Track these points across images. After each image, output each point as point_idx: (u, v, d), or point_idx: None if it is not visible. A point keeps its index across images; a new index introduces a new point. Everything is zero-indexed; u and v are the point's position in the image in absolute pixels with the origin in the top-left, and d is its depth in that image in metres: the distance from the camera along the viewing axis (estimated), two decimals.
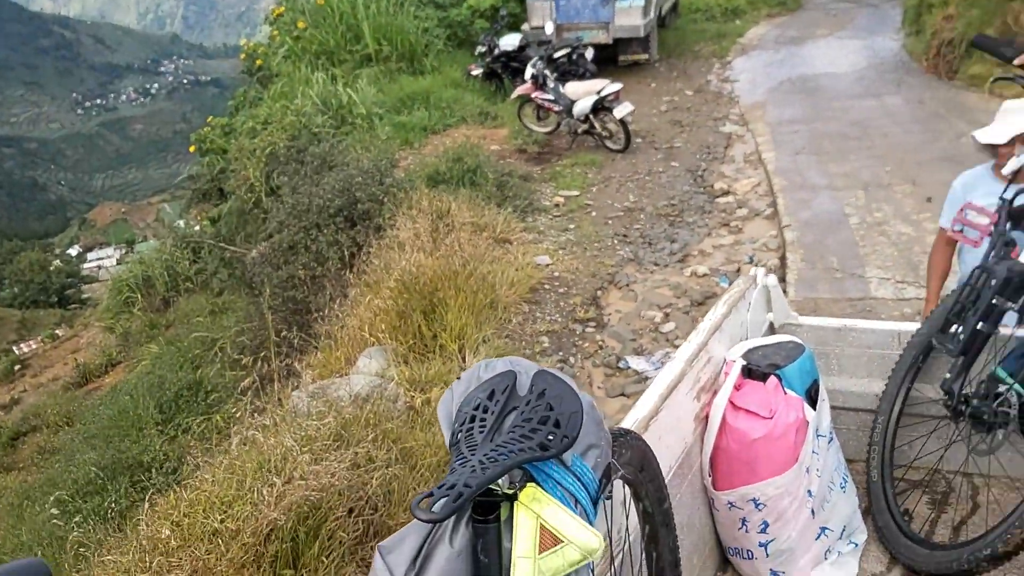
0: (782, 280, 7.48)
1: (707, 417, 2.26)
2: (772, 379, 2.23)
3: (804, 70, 14.69)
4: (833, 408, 2.81)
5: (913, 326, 2.69)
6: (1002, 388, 2.26)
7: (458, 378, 1.23)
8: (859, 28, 17.92)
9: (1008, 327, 2.35)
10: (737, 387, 2.26)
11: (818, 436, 2.30)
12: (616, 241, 8.43)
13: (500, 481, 1.03)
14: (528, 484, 1.05)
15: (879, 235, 7.84)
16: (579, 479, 1.10)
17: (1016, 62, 2.01)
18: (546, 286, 7.38)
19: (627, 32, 14.13)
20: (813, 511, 2.25)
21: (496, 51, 12.76)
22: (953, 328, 2.34)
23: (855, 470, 2.87)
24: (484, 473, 0.96)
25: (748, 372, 2.27)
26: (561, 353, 6.43)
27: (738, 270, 7.69)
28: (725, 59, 16.34)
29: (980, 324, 2.28)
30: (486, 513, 1.04)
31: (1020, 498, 2.65)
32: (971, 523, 2.60)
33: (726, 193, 9.62)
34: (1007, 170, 3.01)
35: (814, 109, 12.07)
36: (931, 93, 11.73)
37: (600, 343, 6.60)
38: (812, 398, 2.32)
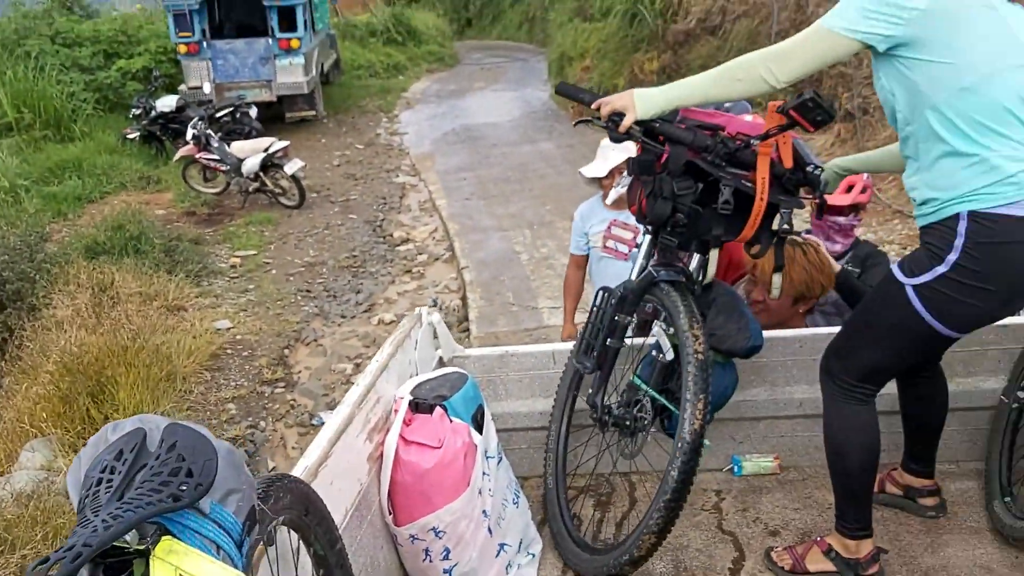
0: (465, 319, 7.81)
1: (381, 456, 2.30)
2: (438, 410, 2.32)
3: (466, 121, 15.52)
4: (504, 430, 2.98)
5: (567, 346, 2.93)
6: (640, 395, 2.47)
7: (84, 445, 1.18)
8: (511, 81, 19.30)
9: (632, 338, 2.60)
10: (407, 422, 2.32)
11: (487, 458, 2.43)
12: (300, 297, 8.33)
13: (130, 538, 1.00)
14: (164, 537, 1.03)
15: (547, 268, 8.42)
16: (220, 525, 1.09)
17: (593, 106, 2.29)
18: (228, 351, 7.11)
19: (291, 89, 14.12)
20: (490, 529, 2.37)
21: (153, 113, 12.18)
22: (589, 350, 2.54)
23: (530, 485, 3.06)
24: (107, 531, 0.93)
25: (416, 406, 2.35)
26: (251, 418, 6.21)
27: None
28: (392, 113, 16.85)
29: (608, 340, 2.48)
30: (118, 573, 1.00)
31: None
32: (631, 520, 2.86)
33: (406, 241, 9.87)
34: (609, 200, 3.45)
35: (478, 156, 12.78)
36: (579, 138, 12.86)
37: (291, 402, 6.46)
38: (479, 423, 2.45)
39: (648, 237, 2.51)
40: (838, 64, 2.18)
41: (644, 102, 2.20)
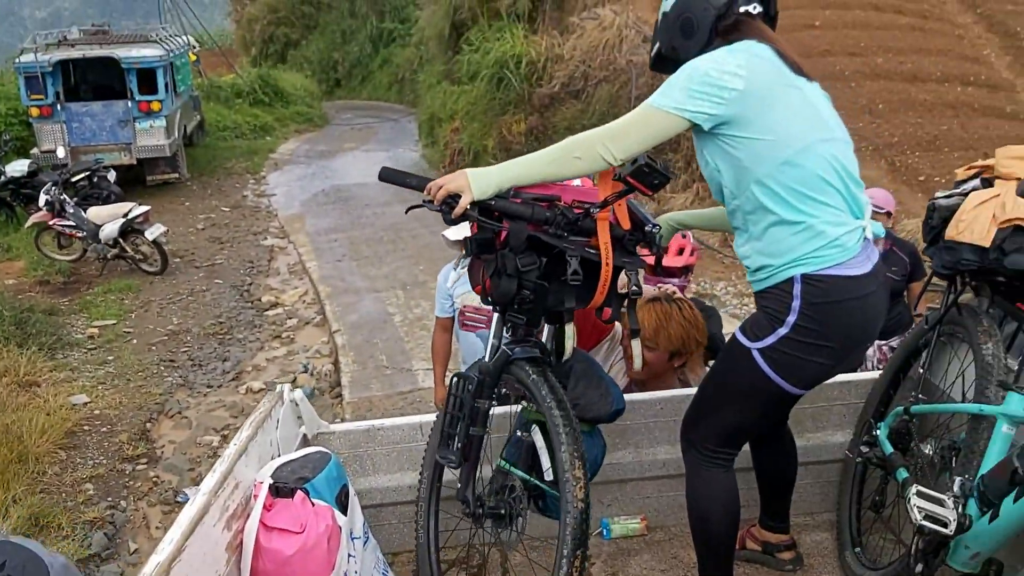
0: (337, 384, 7.68)
1: (241, 544, 2.23)
2: (299, 493, 2.27)
3: (337, 181, 15.44)
4: (372, 506, 2.94)
5: (433, 417, 2.90)
6: (510, 479, 2.38)
7: None
8: (382, 141, 19.36)
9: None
10: (268, 507, 2.26)
11: (353, 539, 2.38)
12: (163, 367, 8.01)
13: None
14: None
15: (421, 329, 8.40)
16: None
17: (425, 190, 2.27)
18: (86, 427, 6.75)
19: (152, 152, 13.74)
20: None
21: (2, 178, 11.62)
22: (451, 442, 2.41)
23: (400, 561, 3.01)
24: None
25: (277, 490, 2.29)
26: (111, 498, 5.90)
27: (294, 380, 7.74)
28: (259, 174, 16.60)
29: (471, 429, 2.37)
30: None
31: (539, 558, 2.98)
32: None
33: (275, 305, 9.68)
34: (456, 291, 3.51)
35: (350, 217, 12.71)
36: None
37: (155, 479, 6.18)
38: (343, 503, 2.40)
39: (497, 316, 2.47)
40: None
41: (479, 182, 2.15)
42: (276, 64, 29.12)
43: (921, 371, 2.75)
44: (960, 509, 2.14)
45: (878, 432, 2.69)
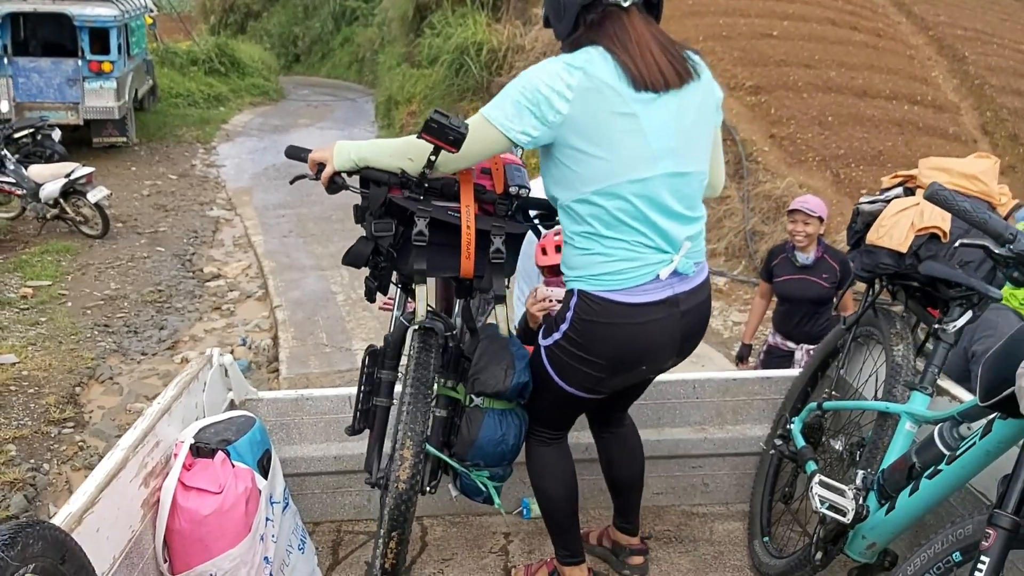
0: (275, 359, 7.63)
1: (158, 501, 2.23)
2: (220, 454, 2.28)
3: None
4: (296, 475, 2.96)
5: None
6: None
7: None
8: (338, 119, 19.17)
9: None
10: (188, 467, 2.26)
11: (272, 503, 2.40)
12: (97, 332, 7.87)
13: None
14: None
15: (363, 310, 8.37)
16: None
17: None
18: (12, 387, 6.61)
19: (100, 113, 13.44)
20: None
21: None
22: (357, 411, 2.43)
23: (322, 531, 3.03)
24: None
25: (197, 451, 2.29)
26: (33, 460, 5.79)
27: (232, 351, 7.67)
28: (210, 144, 16.34)
29: (375, 399, 2.37)
30: None
31: (459, 534, 3.03)
32: (422, 563, 2.89)
33: (216, 277, 9.56)
34: None
35: (299, 194, 12.56)
36: None
37: (80, 444, 6.08)
38: (264, 468, 2.42)
39: (399, 289, 2.50)
40: None
41: (340, 155, 2.26)
42: (235, 34, 28.67)
43: (838, 370, 2.86)
44: (860, 500, 2.24)
45: (792, 426, 2.78)
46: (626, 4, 2.11)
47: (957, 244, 2.03)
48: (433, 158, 2.12)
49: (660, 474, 3.20)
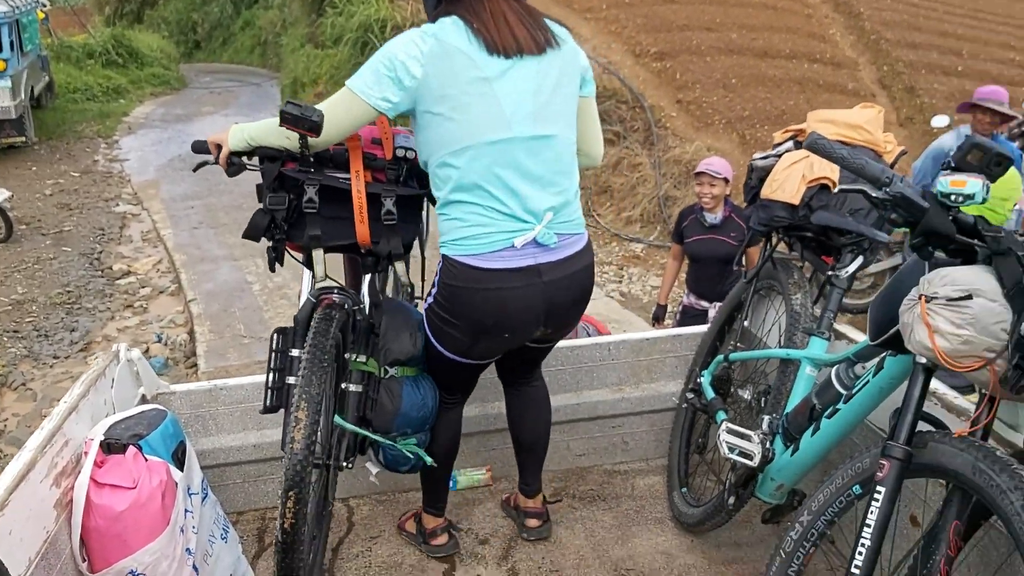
0: (192, 354, 7.48)
1: (72, 501, 2.19)
2: (131, 449, 2.24)
3: None
4: (216, 465, 2.93)
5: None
6: (340, 431, 2.39)
7: None
8: (243, 105, 18.71)
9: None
10: (99, 464, 2.22)
11: (190, 495, 2.37)
12: (6, 338, 7.59)
13: None
14: None
15: (280, 298, 8.26)
16: None
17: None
18: None
19: None
20: (196, 567, 2.31)
21: None
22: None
23: (246, 520, 3.01)
24: None
25: (108, 447, 2.25)
26: None
27: (147, 349, 7.50)
28: (111, 138, 15.81)
29: (288, 378, 2.32)
30: None
31: (386, 512, 3.04)
32: (348, 544, 2.90)
33: (127, 274, 9.30)
34: None
35: (207, 184, 12.27)
36: None
37: None
38: (180, 460, 2.39)
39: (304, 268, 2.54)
40: None
41: (234, 136, 2.33)
42: (132, 24, 27.68)
43: (742, 322, 2.95)
44: (767, 444, 2.33)
45: (702, 380, 2.86)
46: None
47: (835, 190, 2.11)
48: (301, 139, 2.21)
49: (581, 436, 3.27)
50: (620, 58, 11.79)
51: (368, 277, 2.55)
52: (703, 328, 3.25)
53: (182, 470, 2.37)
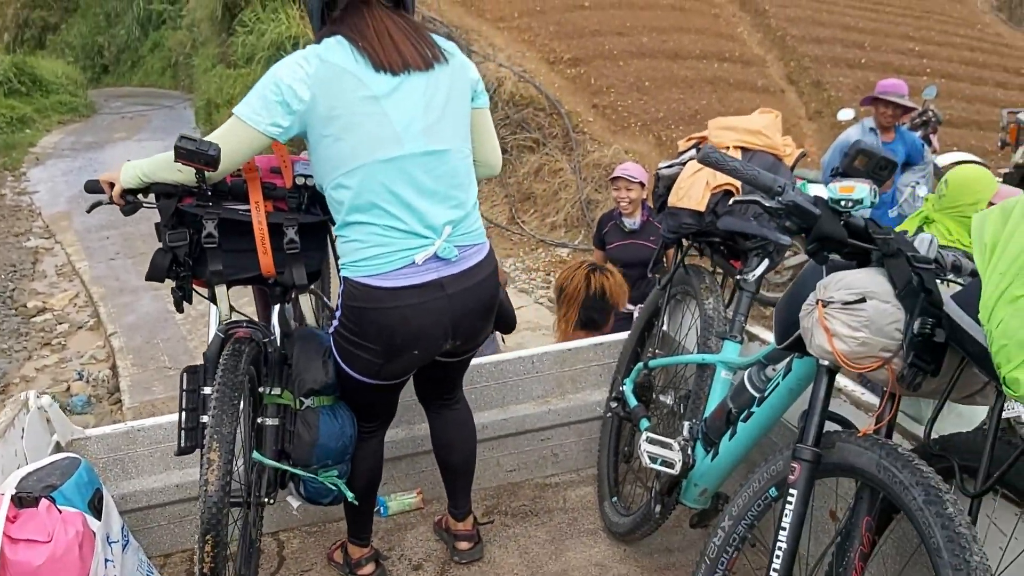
0: (116, 389, 7.30)
1: None
2: (44, 502, 2.17)
3: None
4: (138, 509, 2.86)
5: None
6: (259, 467, 2.34)
7: None
8: (156, 129, 18.31)
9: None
10: (11, 519, 2.14)
11: (110, 543, 2.31)
12: None
13: None
14: None
15: (204, 327, 8.01)
16: None
17: None
18: None
19: None
20: None
21: None
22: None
23: (173, 562, 2.95)
24: None
25: (20, 501, 2.18)
26: None
27: (68, 388, 7.30)
28: (19, 171, 15.35)
29: (201, 417, 2.27)
30: None
31: (316, 544, 3.00)
32: None
33: (42, 311, 9.04)
34: None
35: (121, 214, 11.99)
36: None
37: None
38: (96, 508, 2.32)
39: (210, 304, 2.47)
40: None
41: (127, 173, 2.27)
42: (33, 51, 26.86)
43: (660, 328, 2.99)
44: (688, 451, 2.36)
45: (624, 388, 2.90)
46: None
47: (731, 202, 2.16)
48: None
49: (511, 451, 3.28)
50: (535, 66, 11.88)
51: (277, 307, 2.51)
52: (624, 335, 3.29)
53: (99, 519, 2.31)
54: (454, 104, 2.27)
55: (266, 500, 2.36)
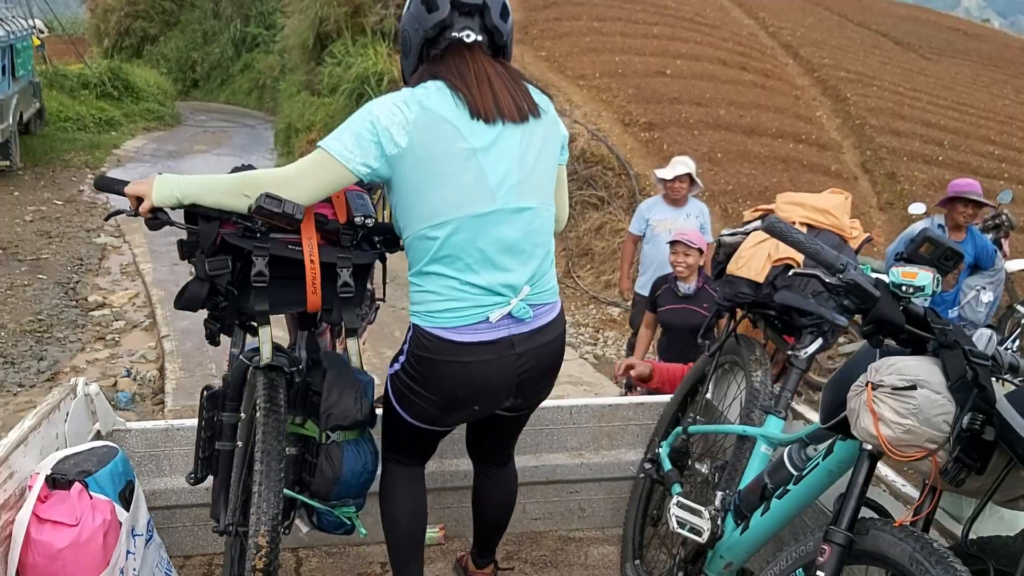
0: (161, 391, 7.40)
1: (11, 535, 2.15)
2: (76, 486, 2.21)
3: None
4: (166, 507, 2.89)
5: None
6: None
7: None
8: (235, 146, 18.81)
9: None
10: (43, 499, 2.19)
11: (134, 536, 2.34)
12: None
13: None
14: None
15: (253, 340, 8.19)
16: None
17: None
18: None
19: None
20: None
21: None
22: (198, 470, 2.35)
23: (192, 564, 2.96)
24: None
25: (54, 482, 2.22)
26: None
27: (115, 383, 7.43)
28: (99, 169, 15.81)
29: (216, 443, 2.25)
30: None
31: (335, 565, 3.00)
32: None
33: (102, 306, 9.24)
34: None
35: None
36: None
37: None
38: (126, 500, 2.36)
39: (237, 327, 2.36)
40: None
41: (161, 189, 2.10)
42: (130, 58, 27.91)
43: (704, 395, 2.96)
44: (718, 521, 2.32)
45: (660, 450, 2.86)
46: (469, 40, 2.14)
47: (790, 273, 2.15)
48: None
49: (538, 500, 3.25)
50: (609, 126, 11.98)
51: (305, 333, 2.43)
52: (666, 398, 3.26)
53: (128, 510, 2.34)
54: (544, 160, 2.23)
55: (282, 530, 2.23)
